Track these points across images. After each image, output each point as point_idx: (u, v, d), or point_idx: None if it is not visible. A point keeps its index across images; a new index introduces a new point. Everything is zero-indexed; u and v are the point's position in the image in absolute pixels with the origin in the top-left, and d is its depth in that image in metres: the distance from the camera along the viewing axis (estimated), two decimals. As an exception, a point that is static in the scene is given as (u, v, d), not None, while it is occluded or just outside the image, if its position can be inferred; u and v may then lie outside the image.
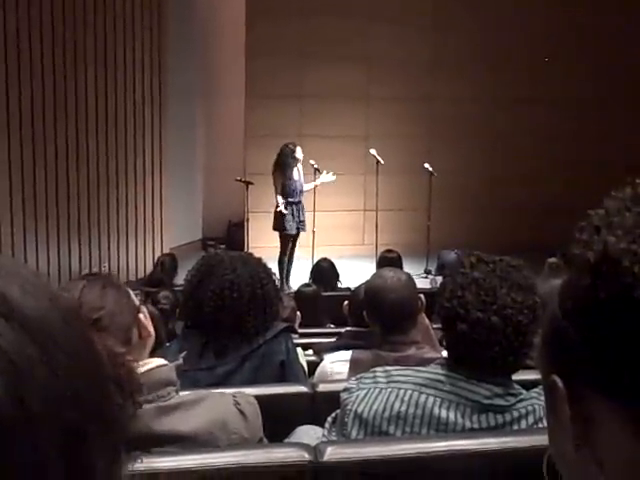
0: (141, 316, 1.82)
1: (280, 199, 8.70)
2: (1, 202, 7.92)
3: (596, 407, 0.59)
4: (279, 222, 8.82)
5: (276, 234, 8.93)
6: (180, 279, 6.92)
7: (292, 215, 8.77)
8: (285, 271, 8.90)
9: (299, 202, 8.87)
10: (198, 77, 11.10)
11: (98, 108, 8.72)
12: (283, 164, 8.76)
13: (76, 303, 1.64)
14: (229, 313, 2.66)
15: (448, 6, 10.96)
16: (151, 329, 1.84)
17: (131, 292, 1.87)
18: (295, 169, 8.80)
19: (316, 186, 9.10)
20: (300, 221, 8.87)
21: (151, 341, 1.86)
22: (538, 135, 11.22)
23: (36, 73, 8.08)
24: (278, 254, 8.79)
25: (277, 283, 2.93)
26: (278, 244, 8.92)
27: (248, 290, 2.69)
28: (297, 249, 9.11)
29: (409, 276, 2.91)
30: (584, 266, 0.59)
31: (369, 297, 2.83)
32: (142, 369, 1.68)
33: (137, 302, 1.85)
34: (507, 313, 1.81)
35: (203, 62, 11.26)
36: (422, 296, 2.85)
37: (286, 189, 8.72)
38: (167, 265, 7.61)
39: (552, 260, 6.76)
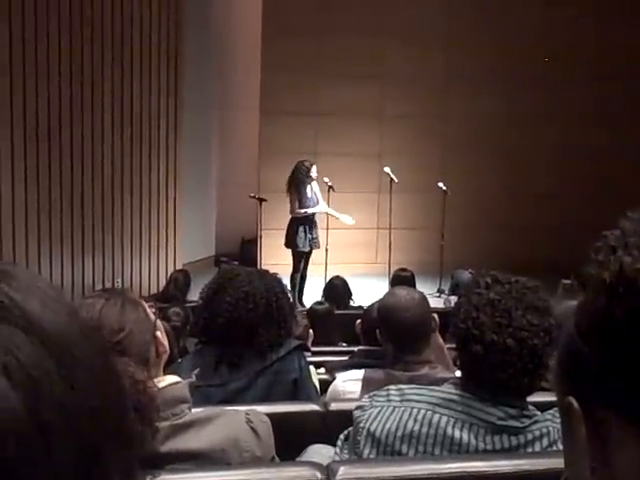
0: (158, 333, 1.83)
1: (301, 210, 8.72)
2: (16, 216, 7.98)
3: (613, 429, 0.59)
4: (291, 239, 8.83)
5: (289, 252, 8.94)
6: (193, 295, 6.94)
7: (305, 232, 8.78)
8: (298, 289, 8.90)
9: (312, 219, 8.88)
10: (214, 92, 11.15)
11: (114, 122, 8.76)
12: (297, 181, 8.78)
13: (96, 324, 1.64)
14: (243, 325, 2.67)
15: (462, 23, 10.98)
16: (167, 345, 1.84)
17: (147, 307, 1.87)
18: (309, 187, 8.82)
19: (329, 215, 9.09)
20: (313, 238, 8.87)
21: (166, 357, 1.86)
22: (553, 152, 11.19)
23: (53, 94, 8.14)
24: (290, 272, 8.79)
25: (291, 300, 2.95)
26: (291, 261, 8.92)
27: (263, 302, 2.71)
28: (310, 266, 9.10)
29: (423, 295, 2.91)
30: (600, 286, 0.59)
31: (382, 316, 2.82)
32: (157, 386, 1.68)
33: (153, 318, 1.86)
34: (522, 336, 1.80)
35: (219, 77, 11.31)
36: (436, 315, 2.84)
37: (301, 206, 8.75)
38: (180, 281, 7.62)
39: (566, 282, 6.73)
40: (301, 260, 8.90)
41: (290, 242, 8.86)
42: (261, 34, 10.62)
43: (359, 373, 2.83)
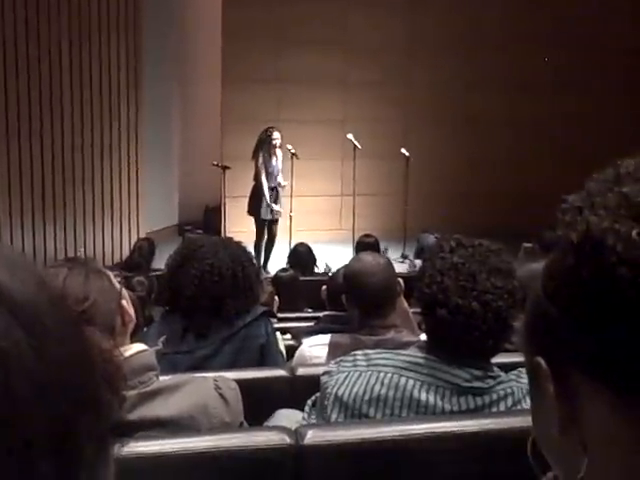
0: (123, 302, 1.82)
1: (265, 182, 8.68)
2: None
3: (580, 387, 0.60)
4: (253, 207, 8.82)
5: (252, 219, 8.93)
6: (158, 264, 6.91)
7: (267, 201, 8.76)
8: (263, 256, 8.91)
9: (274, 188, 8.86)
10: (174, 61, 10.99)
11: (73, 96, 8.64)
12: (261, 149, 8.75)
13: (60, 294, 1.62)
14: (210, 296, 2.67)
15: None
16: (132, 314, 1.83)
17: (112, 276, 1.86)
18: (274, 155, 8.79)
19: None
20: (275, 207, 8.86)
21: (132, 326, 1.86)
22: (515, 119, 11.25)
23: (10, 61, 7.98)
24: (254, 239, 8.78)
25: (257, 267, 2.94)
26: (254, 229, 8.92)
27: (229, 274, 2.70)
28: (277, 234, 9.11)
29: (388, 260, 2.92)
30: (567, 247, 0.59)
31: (348, 281, 2.83)
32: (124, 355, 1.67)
33: (118, 287, 1.84)
34: (487, 298, 1.81)
35: (179, 46, 11.15)
36: (401, 280, 2.86)
37: (265, 174, 8.72)
38: (145, 250, 7.59)
39: (527, 245, 6.82)
40: (264, 227, 8.89)
41: (253, 210, 8.85)
42: (221, 1, 10.46)
43: (325, 338, 2.85)
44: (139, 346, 1.81)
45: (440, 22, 10.94)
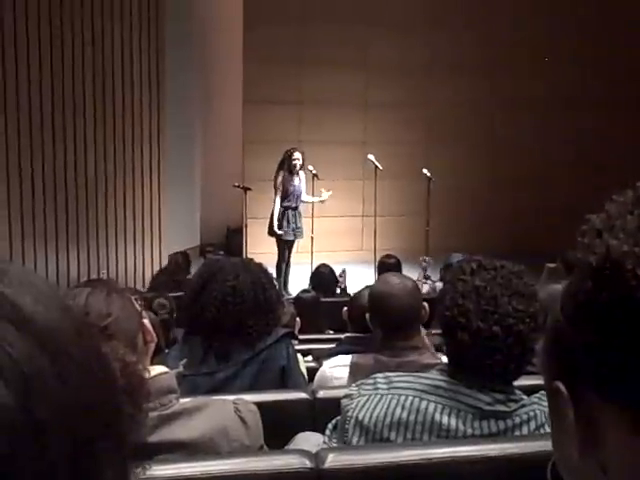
0: (145, 321, 1.82)
1: (277, 203, 8.72)
2: (-1, 210, 7.94)
3: (599, 412, 0.59)
4: (273, 228, 8.84)
5: (274, 240, 8.94)
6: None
7: (287, 221, 8.78)
8: (283, 277, 8.91)
9: (296, 208, 8.88)
10: (196, 82, 11.10)
11: (96, 114, 8.72)
12: (282, 169, 8.78)
13: (82, 311, 1.64)
14: (231, 319, 2.67)
15: (445, 10, 10.98)
16: (154, 334, 1.84)
17: (132, 298, 1.87)
18: (296, 175, 8.81)
19: (314, 202, 9.09)
20: (296, 227, 8.87)
21: (153, 346, 1.86)
22: (537, 137, 11.23)
23: (34, 89, 8.09)
24: (276, 260, 8.79)
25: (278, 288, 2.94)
26: (276, 250, 8.93)
27: (250, 296, 2.70)
28: (294, 255, 9.11)
29: (414, 283, 2.91)
30: (586, 270, 0.59)
31: (373, 301, 2.82)
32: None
33: (139, 308, 1.85)
34: (508, 322, 1.80)
35: (201, 66, 11.26)
36: (426, 305, 2.84)
37: (284, 193, 8.74)
38: (181, 262, 7.66)
39: (551, 265, 6.76)
40: (285, 248, 8.90)
41: (273, 230, 8.87)
42: (243, 22, 10.56)
43: (346, 359, 2.84)
44: (160, 368, 1.81)
45: (459, 42, 10.97)
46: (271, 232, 8.92)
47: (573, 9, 11.07)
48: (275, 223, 8.73)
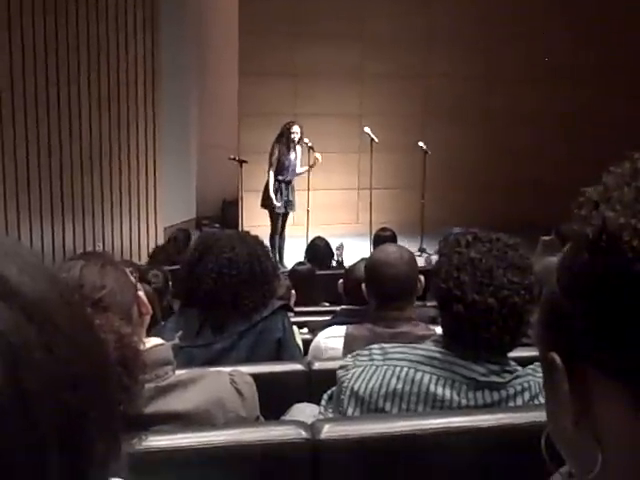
0: (140, 293, 1.83)
1: (272, 176, 8.70)
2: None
3: (595, 384, 0.59)
4: (267, 200, 8.83)
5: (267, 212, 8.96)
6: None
7: (280, 194, 8.78)
8: (278, 250, 8.92)
9: (290, 182, 8.87)
10: (191, 55, 11.02)
11: (90, 87, 8.67)
12: (279, 142, 8.76)
13: (76, 283, 1.64)
14: (227, 290, 2.67)
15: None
16: (149, 306, 1.84)
17: (127, 270, 1.87)
18: (293, 149, 8.78)
19: (310, 168, 9.07)
20: (288, 200, 8.86)
21: (148, 318, 1.86)
22: (533, 112, 11.19)
23: (28, 54, 8.03)
24: (269, 233, 8.80)
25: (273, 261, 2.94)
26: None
27: (246, 268, 2.71)
28: (289, 228, 9.12)
29: (412, 254, 2.91)
30: (582, 242, 0.59)
31: (369, 271, 2.82)
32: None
33: (134, 280, 1.85)
34: (504, 294, 1.80)
35: (196, 40, 11.17)
36: (422, 277, 2.85)
37: (279, 166, 8.72)
38: (180, 240, 7.67)
39: (546, 238, 6.77)
40: (278, 221, 8.91)
41: (265, 202, 8.86)
42: (238, -5, 10.47)
43: (341, 329, 2.84)
44: (155, 340, 1.82)
45: (457, 15, 10.89)
46: (264, 204, 8.92)
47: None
48: (272, 196, 8.72)
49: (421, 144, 9.59)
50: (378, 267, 2.76)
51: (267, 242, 7.98)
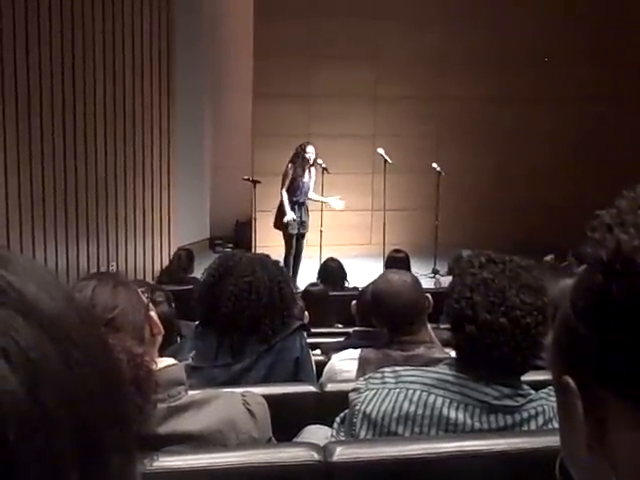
0: (152, 313, 1.83)
1: (285, 195, 8.69)
2: (10, 201, 7.96)
3: (609, 408, 0.59)
4: (280, 221, 8.82)
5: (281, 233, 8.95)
6: (196, 273, 6.94)
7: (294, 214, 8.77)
8: (292, 270, 8.89)
9: (303, 203, 8.85)
10: (206, 76, 11.10)
11: (106, 108, 8.73)
12: (294, 163, 8.76)
13: (89, 303, 1.65)
14: (247, 315, 2.65)
15: (456, 5, 10.93)
16: (161, 326, 1.84)
17: (139, 290, 1.87)
18: (307, 170, 8.78)
19: (322, 202, 9.05)
20: (302, 221, 8.85)
21: (160, 338, 1.87)
22: (548, 134, 11.18)
23: (45, 73, 8.12)
24: (284, 253, 8.78)
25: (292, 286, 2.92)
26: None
27: (266, 293, 2.69)
28: (304, 249, 9.11)
29: (414, 277, 2.90)
30: (597, 264, 0.59)
31: (375, 302, 2.82)
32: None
33: (145, 300, 1.86)
34: (516, 315, 1.80)
35: (211, 61, 11.26)
36: (429, 295, 2.84)
37: (293, 187, 8.72)
38: (183, 259, 7.68)
39: (547, 258, 6.75)
40: (292, 241, 8.88)
41: (279, 223, 8.85)
42: (253, 16, 10.55)
43: (355, 352, 2.84)
44: (168, 360, 1.82)
45: (471, 37, 10.92)
46: (276, 225, 8.90)
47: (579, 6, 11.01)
48: (290, 215, 8.67)
49: (435, 165, 9.60)
50: (384, 298, 2.75)
51: (281, 263, 8.02)
